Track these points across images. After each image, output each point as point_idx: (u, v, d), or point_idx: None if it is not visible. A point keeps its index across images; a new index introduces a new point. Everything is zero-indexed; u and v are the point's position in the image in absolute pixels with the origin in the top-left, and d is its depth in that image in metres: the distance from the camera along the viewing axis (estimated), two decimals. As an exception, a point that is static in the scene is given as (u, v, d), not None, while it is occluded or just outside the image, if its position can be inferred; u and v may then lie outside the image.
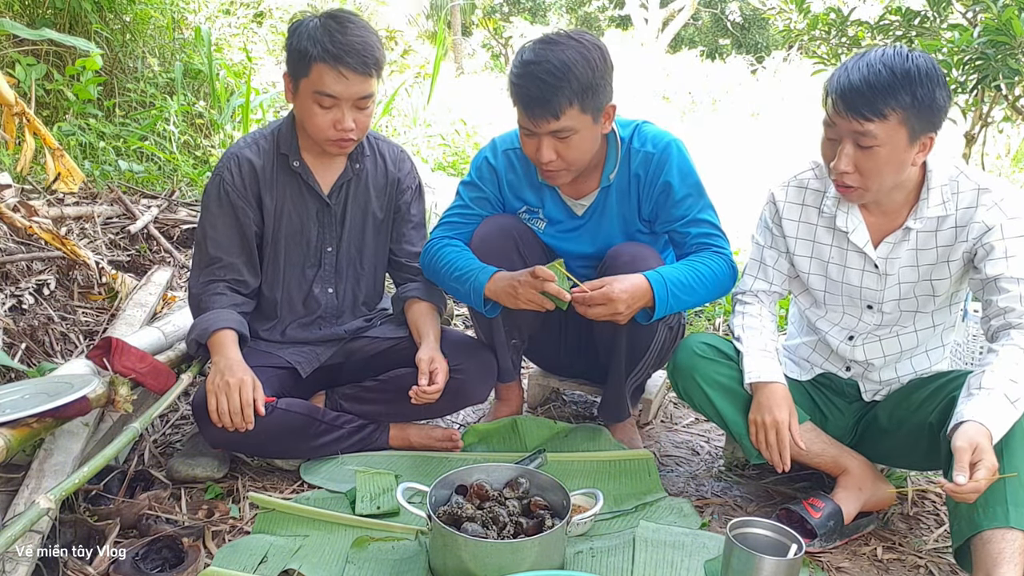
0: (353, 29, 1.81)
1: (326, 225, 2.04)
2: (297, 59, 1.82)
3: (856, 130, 1.52)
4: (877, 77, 1.49)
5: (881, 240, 1.72)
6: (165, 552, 1.60)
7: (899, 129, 1.51)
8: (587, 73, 1.75)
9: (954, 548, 1.53)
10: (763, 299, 1.92)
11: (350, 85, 1.80)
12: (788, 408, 1.74)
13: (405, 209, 2.15)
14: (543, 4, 19.91)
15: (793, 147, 7.59)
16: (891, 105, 1.48)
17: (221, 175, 1.95)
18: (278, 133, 1.99)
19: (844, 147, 1.56)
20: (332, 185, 2.02)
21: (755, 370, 1.78)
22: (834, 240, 1.79)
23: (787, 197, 1.84)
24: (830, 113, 1.57)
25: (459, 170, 5.99)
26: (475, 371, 2.07)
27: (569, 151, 1.82)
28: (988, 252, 1.60)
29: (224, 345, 1.87)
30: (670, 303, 1.83)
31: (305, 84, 1.83)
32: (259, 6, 7.52)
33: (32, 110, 3.32)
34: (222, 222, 1.96)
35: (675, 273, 1.85)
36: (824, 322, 1.88)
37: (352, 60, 1.78)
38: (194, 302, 1.99)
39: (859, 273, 1.77)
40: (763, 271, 1.90)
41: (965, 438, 1.42)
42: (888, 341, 1.82)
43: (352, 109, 1.84)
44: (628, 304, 1.79)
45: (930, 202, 1.64)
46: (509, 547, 1.51)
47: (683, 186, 1.94)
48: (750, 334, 1.85)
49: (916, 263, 1.71)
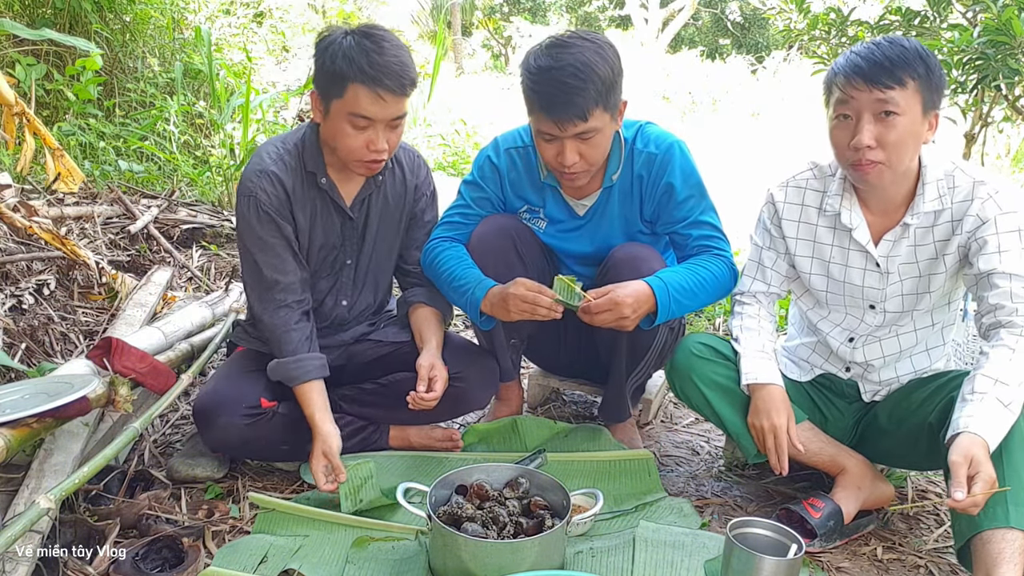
0: (389, 48, 1.73)
1: (348, 238, 2.01)
2: (330, 79, 1.74)
3: (878, 98, 1.53)
4: (891, 49, 1.53)
5: (881, 238, 1.72)
6: (165, 552, 1.60)
7: (916, 98, 1.54)
8: (607, 72, 1.75)
9: (956, 548, 1.53)
10: (761, 300, 1.92)
11: (387, 107, 1.74)
12: (786, 411, 1.74)
13: (420, 215, 2.11)
14: (543, 4, 19.91)
15: (793, 147, 7.59)
16: (909, 73, 1.52)
17: (255, 195, 1.85)
18: (302, 148, 1.91)
19: (864, 122, 1.55)
20: (354, 199, 1.98)
21: (752, 371, 1.78)
22: (835, 240, 1.78)
23: (786, 198, 1.83)
24: (846, 89, 1.57)
25: (459, 170, 5.99)
26: (476, 378, 2.06)
27: (592, 151, 1.82)
28: (981, 247, 1.60)
29: (314, 404, 1.86)
30: (672, 308, 1.83)
31: (338, 105, 1.75)
32: (259, 6, 7.52)
33: (32, 110, 3.32)
34: (272, 243, 1.88)
35: (677, 278, 1.85)
36: (826, 323, 1.88)
37: (390, 82, 1.71)
38: (269, 332, 1.92)
39: (861, 272, 1.77)
40: (761, 272, 1.90)
41: (960, 452, 1.42)
42: (888, 341, 1.82)
43: (385, 129, 1.78)
44: (634, 309, 1.79)
45: (926, 197, 1.64)
46: (509, 547, 1.51)
47: (685, 187, 1.94)
48: (748, 335, 1.85)
49: (915, 259, 1.71)
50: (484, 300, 1.91)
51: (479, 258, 2.01)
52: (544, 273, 2.12)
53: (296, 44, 7.96)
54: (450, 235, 2.08)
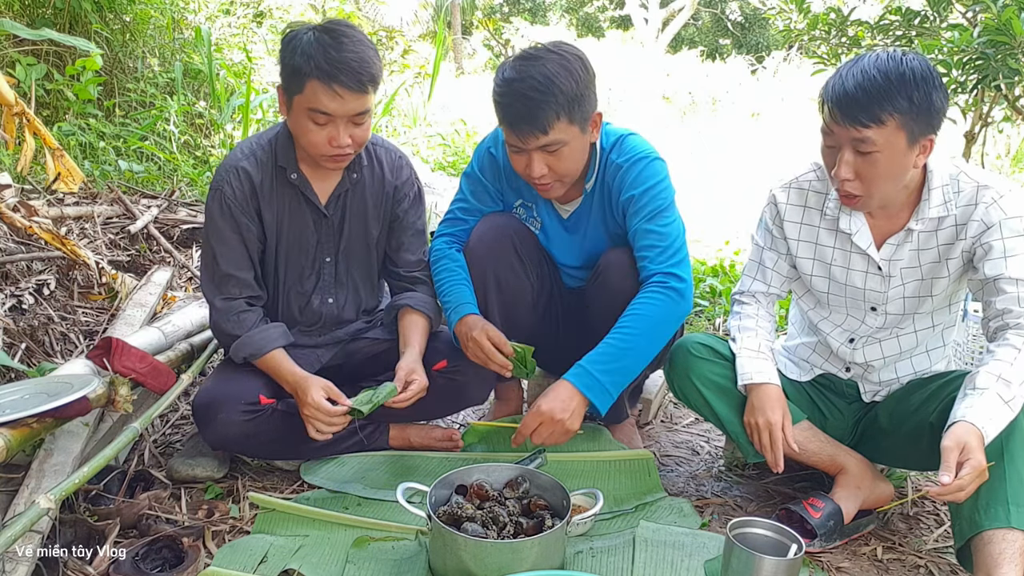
0: (348, 44, 1.73)
1: (324, 235, 2.02)
2: (290, 75, 1.76)
3: (855, 137, 1.50)
4: (872, 83, 1.46)
5: (884, 242, 1.71)
6: (165, 552, 1.60)
7: (898, 134, 1.49)
8: (570, 85, 1.74)
9: (956, 548, 1.53)
10: (761, 300, 1.91)
11: (345, 103, 1.74)
12: (781, 409, 1.73)
13: (403, 216, 2.10)
14: (543, 4, 19.92)
15: (793, 147, 7.59)
16: (888, 110, 1.46)
17: (221, 189, 1.89)
18: (275, 144, 1.93)
19: (844, 154, 1.53)
20: (329, 195, 1.99)
21: (748, 371, 1.78)
22: (837, 242, 1.78)
23: (789, 199, 1.82)
24: (827, 121, 1.55)
25: (459, 170, 5.99)
26: (474, 373, 2.06)
27: (560, 163, 1.82)
28: (987, 252, 1.59)
29: (287, 364, 1.90)
30: (605, 383, 1.80)
31: (299, 100, 1.76)
32: (259, 6, 7.52)
33: (32, 110, 3.32)
34: (230, 237, 1.91)
35: (597, 353, 1.82)
36: (827, 323, 1.88)
37: (347, 78, 1.71)
38: (221, 319, 1.96)
39: (863, 275, 1.76)
40: (762, 272, 1.90)
41: (953, 438, 1.42)
42: (888, 343, 1.82)
43: (348, 125, 1.79)
44: (563, 410, 1.78)
45: (932, 202, 1.63)
46: (509, 547, 1.51)
47: (642, 198, 1.91)
48: (745, 335, 1.84)
49: (918, 263, 1.70)
50: (457, 325, 1.96)
51: (477, 260, 2.01)
52: (544, 276, 2.12)
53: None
54: (451, 232, 2.09)
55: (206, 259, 1.97)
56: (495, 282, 2.03)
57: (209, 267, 1.96)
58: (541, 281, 2.12)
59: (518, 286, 2.06)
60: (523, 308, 2.08)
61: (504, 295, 2.04)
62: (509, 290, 2.05)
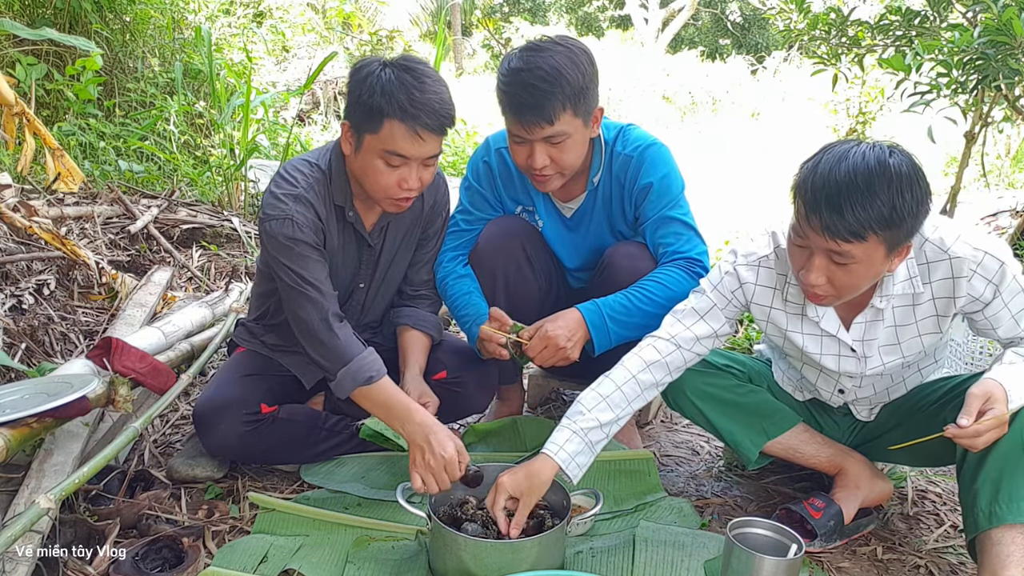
0: (430, 85, 1.66)
1: (364, 264, 1.98)
2: (366, 113, 1.66)
3: (832, 249, 1.38)
4: (859, 198, 1.32)
5: (852, 321, 1.62)
6: (165, 552, 1.60)
7: (878, 247, 1.37)
8: (577, 77, 1.74)
9: (968, 539, 1.51)
10: (682, 346, 1.69)
11: (424, 146, 1.68)
12: (524, 483, 1.57)
13: (433, 235, 2.07)
14: (543, 4, 19.92)
15: (793, 147, 7.59)
16: (871, 228, 1.34)
17: (292, 218, 1.74)
18: (329, 179, 1.83)
19: (816, 261, 1.42)
20: (374, 225, 1.94)
21: (557, 443, 1.61)
22: (804, 327, 1.67)
23: (757, 279, 1.67)
24: (802, 225, 1.41)
25: (459, 170, 5.99)
26: (475, 383, 2.06)
27: (563, 156, 1.82)
28: (994, 324, 1.52)
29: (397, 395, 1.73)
30: (611, 329, 1.83)
31: (372, 140, 1.68)
32: (259, 6, 7.52)
33: (32, 110, 3.32)
34: (312, 259, 1.77)
35: (614, 299, 1.84)
36: (811, 372, 1.80)
37: (430, 120, 1.65)
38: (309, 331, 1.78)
39: (835, 358, 1.67)
40: (700, 326, 1.70)
41: (981, 388, 1.39)
42: (880, 380, 1.76)
43: (419, 168, 1.72)
44: (568, 339, 1.81)
45: (896, 278, 1.52)
46: (509, 547, 1.51)
47: (658, 187, 1.92)
48: (594, 410, 1.63)
49: (896, 340, 1.62)
50: (478, 337, 1.96)
51: (488, 259, 2.01)
52: (551, 276, 2.13)
53: (296, 44, 7.96)
54: (456, 245, 2.09)
55: (288, 283, 1.77)
56: (503, 282, 2.04)
57: (294, 287, 1.76)
58: (548, 282, 2.12)
59: (525, 286, 2.06)
60: (530, 308, 2.08)
61: (511, 295, 2.05)
62: (516, 290, 2.05)
